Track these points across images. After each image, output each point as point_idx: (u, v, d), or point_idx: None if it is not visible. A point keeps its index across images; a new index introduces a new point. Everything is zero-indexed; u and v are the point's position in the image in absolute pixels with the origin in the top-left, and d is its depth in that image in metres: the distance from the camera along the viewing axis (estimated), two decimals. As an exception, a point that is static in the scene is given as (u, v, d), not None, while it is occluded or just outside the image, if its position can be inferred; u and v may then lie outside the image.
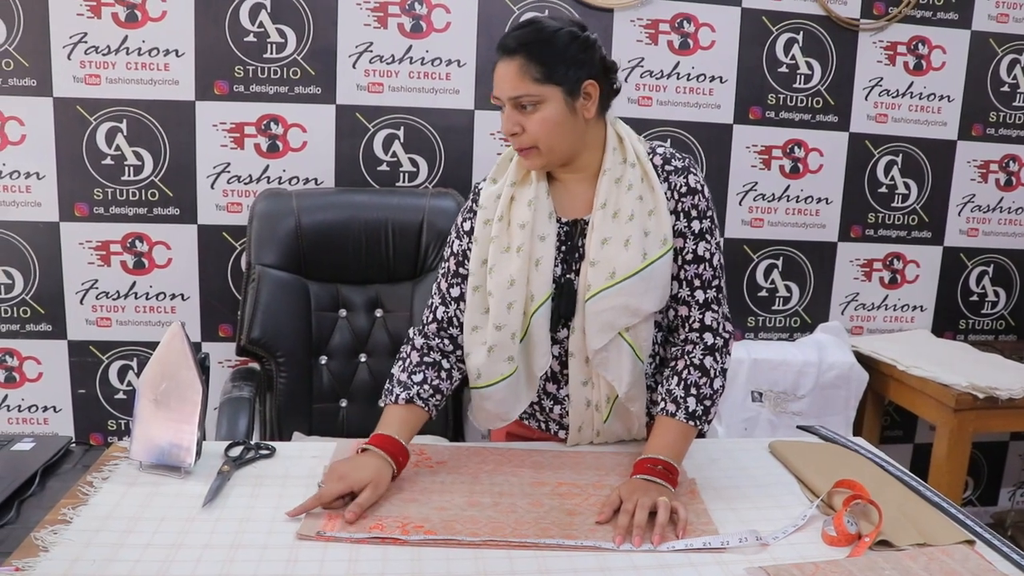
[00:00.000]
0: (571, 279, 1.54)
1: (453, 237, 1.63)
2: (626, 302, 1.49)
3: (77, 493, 1.36)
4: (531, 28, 1.46)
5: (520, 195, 1.55)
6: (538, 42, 1.44)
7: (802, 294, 2.91)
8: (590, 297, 1.50)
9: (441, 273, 1.64)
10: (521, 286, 1.51)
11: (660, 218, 1.50)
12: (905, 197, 2.89)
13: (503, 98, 1.47)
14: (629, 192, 1.50)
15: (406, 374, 1.56)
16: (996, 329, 3.08)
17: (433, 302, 1.64)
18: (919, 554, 1.28)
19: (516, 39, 1.45)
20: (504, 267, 1.52)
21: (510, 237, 1.54)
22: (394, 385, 1.56)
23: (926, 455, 2.86)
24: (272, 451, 1.56)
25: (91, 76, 2.45)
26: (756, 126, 2.75)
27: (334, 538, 1.25)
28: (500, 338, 1.53)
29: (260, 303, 2.28)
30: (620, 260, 1.49)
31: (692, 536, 1.31)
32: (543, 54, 1.44)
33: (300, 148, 2.57)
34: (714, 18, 2.66)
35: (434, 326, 1.62)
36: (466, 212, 1.62)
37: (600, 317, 1.50)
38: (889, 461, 1.66)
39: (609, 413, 1.60)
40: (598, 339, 1.51)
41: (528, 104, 1.44)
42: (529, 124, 1.45)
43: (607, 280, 1.49)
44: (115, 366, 2.63)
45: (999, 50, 2.84)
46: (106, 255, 2.55)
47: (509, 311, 1.52)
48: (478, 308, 1.57)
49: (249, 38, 2.49)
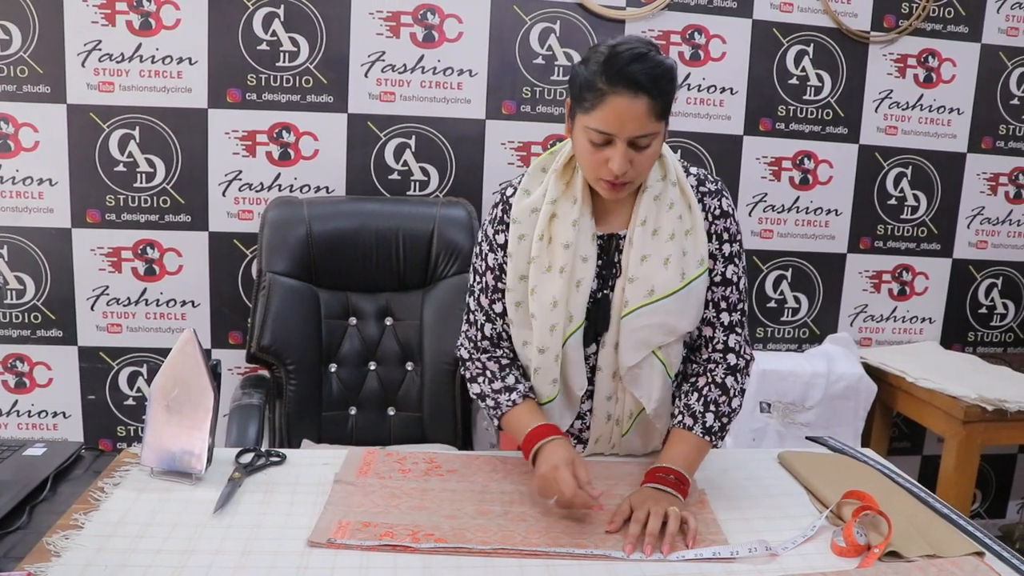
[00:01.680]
0: (607, 295, 1.53)
1: (486, 250, 1.57)
2: (664, 320, 1.49)
3: (88, 499, 1.36)
4: (652, 63, 1.35)
5: (562, 212, 1.49)
6: (663, 79, 1.36)
7: (811, 305, 2.90)
8: (627, 313, 1.49)
9: (479, 288, 1.59)
10: (563, 307, 1.48)
11: (697, 238, 1.50)
12: (914, 209, 2.89)
13: (621, 137, 1.36)
14: (670, 211, 1.49)
15: (500, 382, 1.56)
16: (1005, 342, 3.07)
17: (477, 319, 1.60)
18: (928, 565, 1.28)
19: (645, 75, 1.33)
20: (546, 288, 1.49)
21: (551, 256, 1.49)
22: (499, 393, 1.56)
23: (934, 467, 2.86)
24: (283, 458, 1.56)
25: (105, 83, 2.47)
26: (766, 137, 2.76)
27: (345, 545, 1.26)
28: (544, 360, 1.51)
29: (271, 310, 2.29)
30: (659, 278, 1.48)
31: (702, 546, 1.31)
32: (666, 92, 1.37)
33: (312, 156, 2.58)
34: (725, 30, 2.67)
35: (487, 343, 1.60)
36: (497, 224, 1.56)
37: (637, 334, 1.49)
38: (898, 472, 1.66)
39: (629, 428, 1.60)
40: (633, 356, 1.50)
41: (645, 143, 1.38)
42: (639, 161, 1.39)
43: (645, 297, 1.48)
44: (125, 372, 2.63)
45: (1009, 63, 2.84)
46: (117, 261, 2.57)
47: (552, 333, 1.49)
48: (523, 323, 1.54)
49: (262, 46, 2.50)
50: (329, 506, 1.38)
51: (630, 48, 1.35)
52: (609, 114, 1.35)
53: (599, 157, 1.39)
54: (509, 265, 1.53)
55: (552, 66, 2.62)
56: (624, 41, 1.38)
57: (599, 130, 1.36)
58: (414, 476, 1.52)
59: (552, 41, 2.60)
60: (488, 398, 1.57)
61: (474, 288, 1.60)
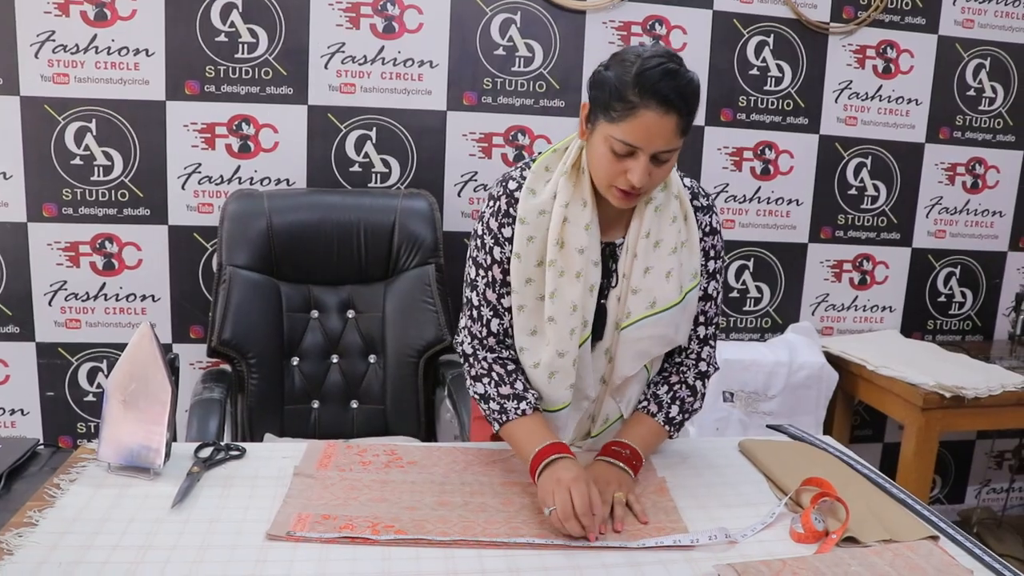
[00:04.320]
0: (603, 303, 1.53)
1: (491, 243, 1.53)
2: (664, 332, 1.51)
3: (44, 495, 1.34)
4: (683, 80, 1.32)
5: (574, 217, 1.47)
6: (693, 97, 1.34)
7: (773, 295, 2.93)
8: (628, 325, 1.50)
9: (484, 283, 1.55)
10: (580, 312, 1.47)
11: (692, 251, 1.52)
12: (874, 199, 2.93)
13: (646, 151, 1.34)
14: (672, 224, 1.50)
15: (508, 387, 1.52)
16: (963, 330, 3.13)
17: (483, 314, 1.56)
18: (884, 550, 1.30)
19: (678, 94, 1.31)
20: (566, 293, 1.47)
21: (566, 262, 1.47)
22: (507, 399, 1.51)
23: (895, 454, 2.90)
24: (242, 452, 1.55)
25: (59, 75, 2.43)
26: (727, 128, 2.77)
27: (304, 538, 1.25)
28: (563, 365, 1.49)
29: (231, 304, 2.27)
30: (661, 291, 1.49)
31: (662, 534, 1.32)
32: (694, 111, 1.36)
33: (272, 149, 2.55)
34: (686, 20, 2.68)
35: (492, 340, 1.57)
36: (501, 216, 1.52)
37: (637, 345, 1.51)
38: (856, 459, 1.68)
39: (603, 431, 1.61)
40: (632, 366, 1.52)
41: (666, 157, 1.37)
42: (657, 173, 1.38)
43: (647, 309, 1.49)
44: (84, 368, 2.60)
45: (965, 55, 2.88)
46: (75, 256, 2.53)
47: (571, 337, 1.48)
48: (525, 329, 1.52)
49: (220, 38, 2.47)
50: (288, 499, 1.37)
51: (662, 63, 1.32)
52: (638, 128, 1.32)
53: (618, 167, 1.37)
54: (515, 266, 1.49)
55: (513, 57, 2.61)
56: (654, 54, 1.34)
57: (625, 142, 1.34)
58: (374, 468, 1.51)
59: (513, 32, 2.60)
60: (493, 401, 1.52)
61: (478, 283, 1.56)
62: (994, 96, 2.94)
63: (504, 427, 1.51)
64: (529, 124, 2.65)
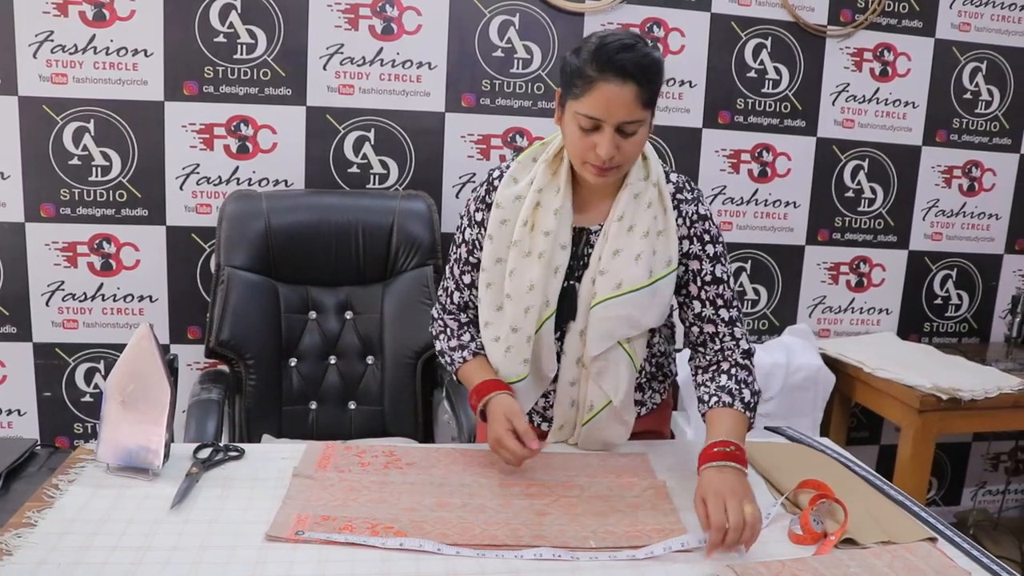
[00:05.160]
0: (574, 285, 1.57)
1: (465, 224, 1.65)
2: (629, 313, 1.53)
3: (42, 496, 1.34)
4: (640, 52, 1.40)
5: (546, 201, 1.54)
6: (651, 68, 1.41)
7: (770, 297, 2.94)
8: (595, 304, 1.53)
9: (454, 258, 1.68)
10: (539, 291, 1.53)
11: (669, 240, 1.54)
12: (871, 201, 2.94)
13: (609, 122, 1.41)
14: (648, 210, 1.53)
15: (456, 340, 1.67)
16: (959, 332, 3.13)
17: (448, 286, 1.70)
18: (883, 551, 1.30)
19: (634, 64, 1.38)
20: (524, 272, 1.54)
21: (533, 243, 1.54)
22: (454, 351, 1.66)
23: (892, 456, 2.90)
24: (241, 453, 1.55)
25: (58, 75, 2.42)
26: (725, 130, 2.78)
27: (303, 539, 1.25)
28: (516, 340, 1.56)
29: (229, 305, 2.27)
30: (628, 273, 1.52)
31: (664, 537, 1.31)
32: (653, 81, 1.42)
33: (270, 150, 2.55)
34: (684, 23, 2.68)
35: (453, 307, 1.70)
36: (478, 202, 1.63)
37: (603, 325, 1.53)
38: (854, 461, 1.69)
39: (592, 418, 1.61)
40: (599, 345, 1.54)
41: (632, 129, 1.43)
42: (626, 147, 1.44)
43: (613, 290, 1.52)
44: (82, 369, 2.59)
45: (961, 58, 2.89)
46: (73, 256, 2.52)
47: (526, 315, 1.54)
48: (491, 305, 1.59)
49: (219, 38, 2.47)
50: (288, 500, 1.37)
51: (619, 39, 1.41)
52: (598, 100, 1.39)
53: (587, 142, 1.44)
54: (487, 247, 1.58)
55: (511, 59, 2.62)
56: (613, 33, 1.45)
57: (588, 115, 1.41)
58: (373, 469, 1.51)
59: (511, 34, 2.60)
60: (445, 355, 1.68)
61: (450, 257, 1.70)
62: (990, 99, 2.94)
63: (457, 373, 1.67)
64: (527, 126, 2.65)
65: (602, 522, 1.36)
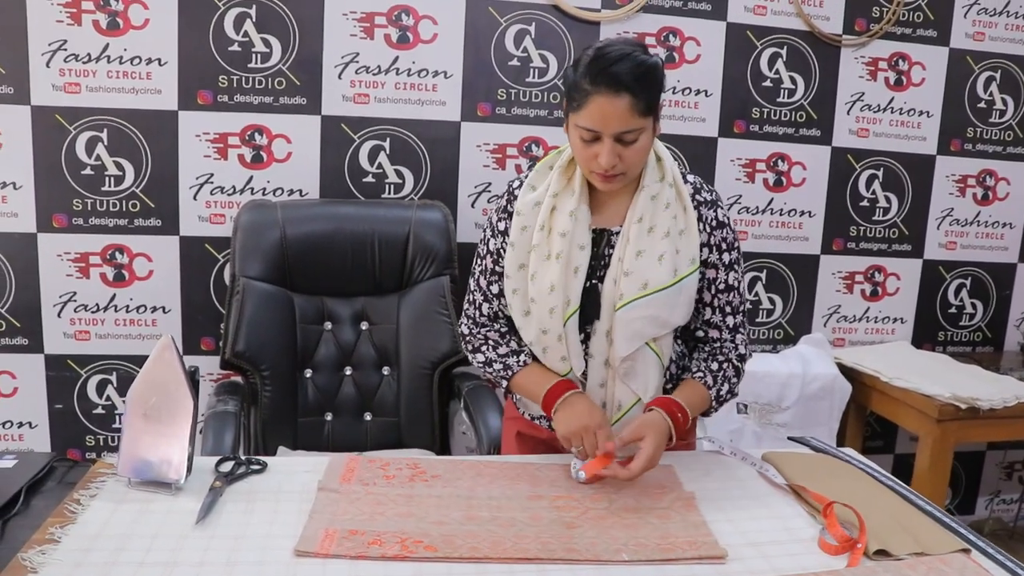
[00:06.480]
0: (596, 285, 1.58)
1: (488, 235, 1.67)
2: (656, 313, 1.55)
3: (64, 511, 1.32)
4: (634, 62, 1.43)
5: (561, 205, 1.57)
6: (645, 76, 1.43)
7: (785, 306, 2.92)
8: (622, 306, 1.54)
9: (479, 270, 1.69)
10: (560, 292, 1.54)
11: (690, 239, 1.57)
12: (886, 211, 2.92)
13: (607, 133, 1.44)
14: (667, 211, 1.55)
15: (506, 346, 1.66)
16: (974, 341, 3.12)
17: (475, 299, 1.70)
18: (918, 563, 1.29)
19: (628, 74, 1.41)
20: (544, 274, 1.56)
21: (550, 245, 1.56)
22: (507, 356, 1.65)
23: (906, 465, 2.89)
24: (263, 466, 1.53)
25: (71, 84, 2.41)
26: (740, 139, 2.77)
27: (333, 554, 1.23)
28: (549, 340, 1.58)
29: (245, 316, 2.26)
30: (653, 273, 1.54)
31: (694, 550, 1.30)
32: (649, 89, 1.44)
33: (285, 159, 2.54)
34: (699, 32, 2.68)
35: (484, 319, 1.69)
36: (500, 212, 1.65)
37: (631, 326, 1.54)
38: (879, 470, 1.68)
39: (623, 416, 1.61)
40: (626, 347, 1.55)
41: (631, 138, 1.45)
42: (628, 155, 1.47)
43: (639, 291, 1.53)
44: (93, 380, 2.57)
45: (976, 67, 2.88)
46: (85, 267, 2.51)
47: (551, 316, 1.55)
48: (520, 310, 1.61)
49: (233, 47, 2.46)
50: (314, 514, 1.35)
51: (615, 49, 1.44)
52: (594, 112, 1.43)
53: (590, 152, 1.48)
54: (510, 254, 1.60)
55: (527, 68, 2.61)
56: (611, 43, 1.48)
57: (586, 127, 1.45)
58: (399, 482, 1.49)
59: (527, 43, 2.59)
60: (496, 362, 1.66)
61: (475, 270, 1.70)
62: (1004, 108, 2.94)
63: (512, 380, 1.64)
64: (543, 135, 2.64)
65: (633, 534, 1.34)
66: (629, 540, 1.32)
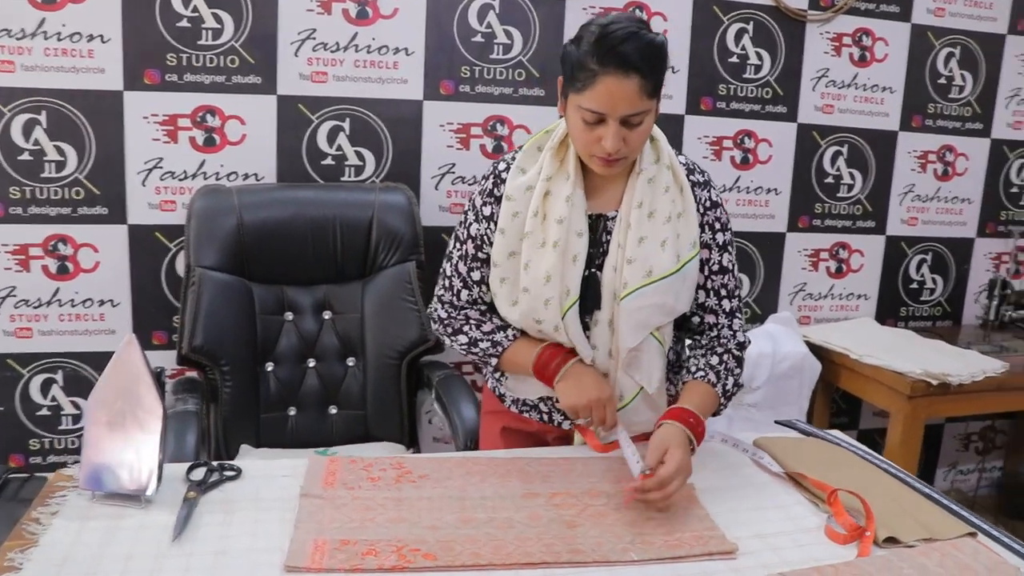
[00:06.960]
0: (595, 273, 1.52)
1: (471, 219, 1.59)
2: (663, 301, 1.49)
3: (23, 533, 1.20)
4: (643, 41, 1.35)
5: (555, 190, 1.50)
6: (654, 57, 1.37)
7: (752, 285, 2.90)
8: (627, 295, 1.48)
9: (458, 255, 1.61)
10: (557, 281, 1.48)
11: (689, 221, 1.52)
12: (850, 187, 2.92)
13: (613, 116, 1.37)
14: (666, 194, 1.50)
15: (491, 323, 1.60)
16: (934, 315, 3.15)
17: (453, 284, 1.62)
18: (930, 550, 1.27)
19: (637, 55, 1.34)
20: (539, 263, 1.49)
21: (545, 232, 1.50)
22: (494, 333, 1.59)
23: (871, 441, 2.91)
24: (238, 472, 1.43)
25: (3, 63, 2.24)
26: (707, 117, 2.73)
27: (327, 568, 1.14)
28: (544, 332, 1.52)
29: (202, 308, 2.14)
30: (656, 260, 1.48)
31: (702, 544, 1.27)
32: (657, 70, 1.38)
33: (239, 142, 2.42)
34: (666, 7, 2.62)
35: (463, 304, 1.63)
36: (486, 196, 1.57)
37: (636, 315, 1.49)
38: (872, 453, 1.67)
39: (629, 403, 1.56)
40: (633, 337, 1.50)
41: (637, 120, 1.39)
42: (632, 138, 1.41)
43: (644, 278, 1.48)
44: (37, 380, 2.42)
45: (936, 43, 2.88)
46: (25, 260, 2.35)
47: (547, 307, 1.49)
48: (507, 300, 1.55)
49: (182, 23, 2.32)
50: (300, 524, 1.26)
51: (621, 27, 1.36)
52: (601, 94, 1.36)
53: (592, 135, 1.41)
54: (499, 241, 1.53)
55: (491, 44, 2.52)
56: (615, 20, 1.38)
57: (592, 110, 1.38)
58: (385, 484, 1.41)
59: (491, 18, 2.51)
60: (482, 341, 1.59)
61: (452, 254, 1.63)
62: (963, 84, 2.95)
63: (503, 357, 1.58)
64: (508, 114, 2.56)
65: (637, 532, 1.30)
66: (635, 538, 1.28)
